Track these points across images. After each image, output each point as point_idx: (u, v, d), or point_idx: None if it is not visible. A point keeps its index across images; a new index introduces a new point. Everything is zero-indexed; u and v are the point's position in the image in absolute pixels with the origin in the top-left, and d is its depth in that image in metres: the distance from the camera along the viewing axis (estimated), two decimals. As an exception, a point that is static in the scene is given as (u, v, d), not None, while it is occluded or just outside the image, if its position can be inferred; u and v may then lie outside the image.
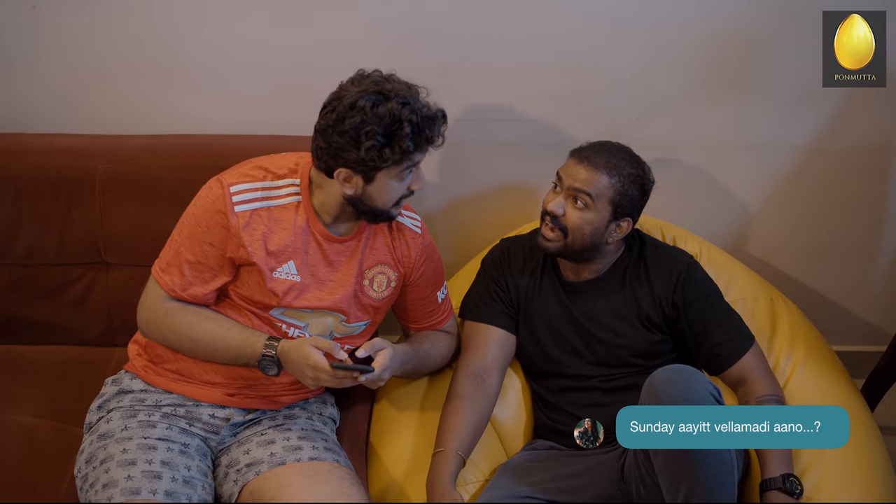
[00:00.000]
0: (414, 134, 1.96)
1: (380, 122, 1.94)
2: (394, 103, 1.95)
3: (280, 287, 2.09)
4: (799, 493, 2.06)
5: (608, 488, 2.14)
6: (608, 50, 2.53)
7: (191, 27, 2.51)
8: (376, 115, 1.94)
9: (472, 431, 2.20)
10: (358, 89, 1.97)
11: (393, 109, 1.95)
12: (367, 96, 1.95)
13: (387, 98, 1.95)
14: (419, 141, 1.98)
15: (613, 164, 2.20)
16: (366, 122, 1.94)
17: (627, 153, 2.26)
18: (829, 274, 2.92)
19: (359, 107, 1.95)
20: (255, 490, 2.05)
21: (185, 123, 2.59)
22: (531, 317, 2.34)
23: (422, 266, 2.23)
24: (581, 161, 2.22)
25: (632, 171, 2.22)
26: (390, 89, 1.96)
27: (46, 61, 2.55)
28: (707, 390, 1.93)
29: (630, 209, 2.23)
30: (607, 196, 2.20)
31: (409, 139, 1.96)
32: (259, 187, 2.08)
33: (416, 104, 1.97)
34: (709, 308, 2.26)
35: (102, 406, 2.16)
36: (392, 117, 1.95)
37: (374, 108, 1.94)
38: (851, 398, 2.34)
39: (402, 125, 1.95)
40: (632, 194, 2.22)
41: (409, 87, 2.00)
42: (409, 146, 1.96)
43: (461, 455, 2.15)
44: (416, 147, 1.99)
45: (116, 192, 2.47)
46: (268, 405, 2.19)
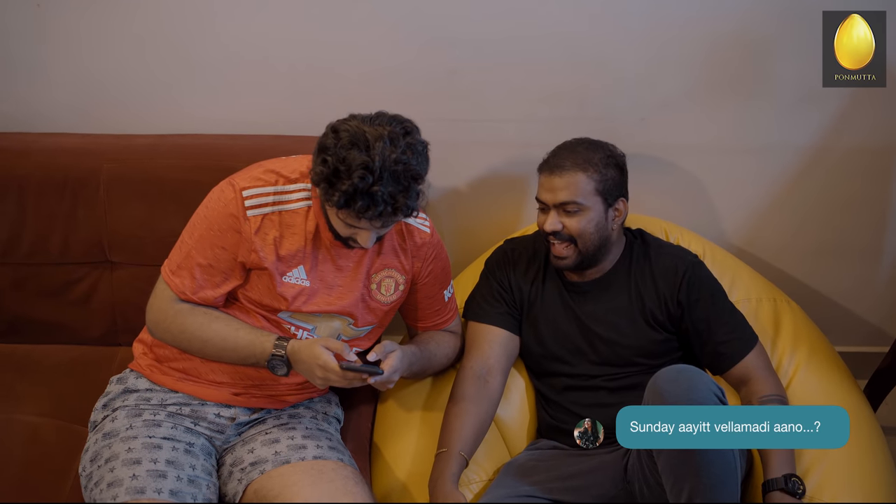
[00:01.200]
0: (349, 195, 1.87)
1: (336, 159, 1.88)
2: (359, 158, 1.86)
3: (289, 291, 2.09)
4: (801, 493, 2.06)
5: (611, 488, 2.14)
6: (613, 48, 2.53)
7: (196, 27, 2.51)
8: (339, 153, 1.88)
9: (474, 432, 2.20)
10: (359, 125, 1.90)
11: (352, 162, 1.86)
12: (353, 134, 1.89)
13: (362, 149, 1.87)
14: (351, 204, 1.88)
15: (581, 159, 2.22)
16: (329, 150, 1.90)
17: (587, 142, 2.28)
18: (832, 275, 2.92)
19: (339, 135, 1.90)
20: (259, 489, 2.05)
21: (189, 123, 2.59)
22: (535, 317, 2.34)
23: (430, 265, 2.23)
24: (552, 173, 2.23)
25: (600, 155, 2.24)
26: (375, 147, 1.87)
27: (51, 61, 2.55)
28: (710, 390, 1.93)
29: (618, 189, 2.26)
30: (592, 190, 2.22)
31: (342, 195, 1.87)
32: (271, 192, 2.07)
33: (378, 178, 1.86)
34: (713, 307, 2.27)
35: (107, 405, 2.16)
36: (346, 166, 1.86)
37: (343, 147, 1.88)
38: (854, 399, 2.34)
39: (347, 180, 1.86)
40: (612, 175, 2.24)
41: (397, 161, 1.87)
42: (339, 199, 1.88)
43: (464, 455, 2.16)
44: (342, 206, 1.89)
45: (121, 191, 2.47)
46: (273, 405, 2.19)
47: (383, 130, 1.89)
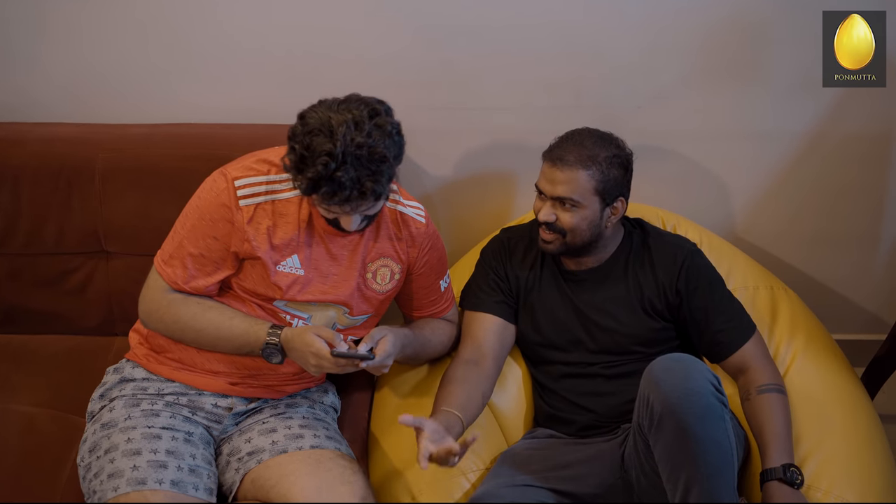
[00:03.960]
0: (314, 181, 1.87)
1: (301, 146, 1.88)
2: (323, 144, 1.86)
3: (284, 280, 2.09)
4: (799, 483, 2.06)
5: (609, 477, 2.14)
6: (608, 36, 2.53)
7: (191, 15, 2.50)
8: (303, 140, 1.88)
9: (466, 402, 2.14)
10: (325, 111, 1.90)
11: (316, 148, 1.86)
12: (319, 120, 1.88)
13: (326, 135, 1.86)
14: (316, 190, 1.89)
15: (586, 155, 2.18)
16: (295, 138, 1.90)
17: (597, 136, 2.23)
18: (829, 262, 2.93)
19: (305, 121, 1.90)
20: (256, 478, 2.05)
21: (184, 112, 2.59)
22: (532, 306, 2.34)
23: (426, 255, 2.22)
24: (555, 164, 2.20)
25: (607, 153, 2.20)
26: (338, 132, 1.86)
27: (47, 50, 2.54)
28: (707, 378, 1.92)
29: (618, 190, 2.22)
30: (591, 189, 2.19)
31: (307, 181, 1.88)
32: (264, 181, 2.07)
33: (341, 163, 1.85)
34: (711, 295, 2.26)
35: (104, 395, 2.15)
36: (310, 153, 1.87)
37: (307, 133, 1.88)
38: (851, 386, 2.34)
39: (311, 167, 1.86)
40: (614, 175, 2.21)
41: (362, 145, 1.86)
42: (305, 186, 1.89)
43: (456, 413, 2.10)
44: (309, 192, 1.90)
45: (116, 181, 2.47)
46: (270, 394, 2.19)
47: (348, 115, 1.88)
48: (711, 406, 1.89)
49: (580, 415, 2.27)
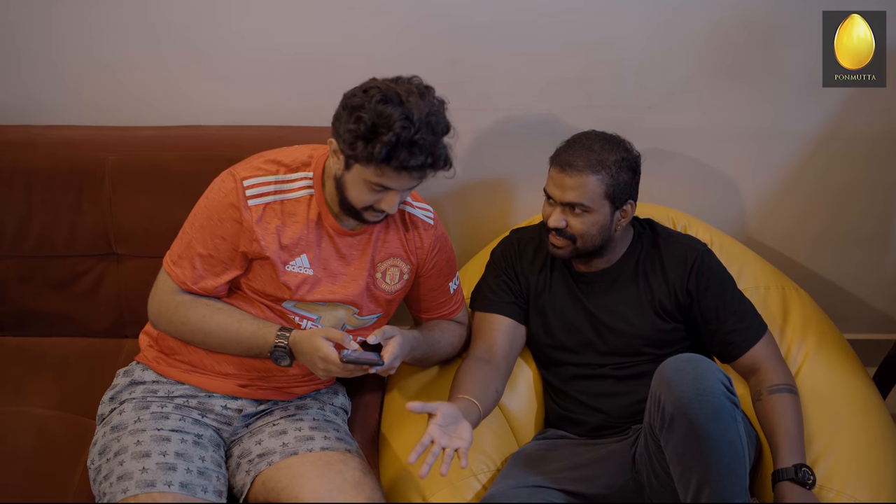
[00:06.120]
0: (392, 146, 1.89)
1: (373, 114, 1.90)
2: (396, 111, 1.89)
3: (293, 280, 2.09)
4: (811, 483, 2.05)
5: (620, 477, 2.13)
6: (619, 36, 2.52)
7: (200, 17, 2.50)
8: (375, 108, 1.90)
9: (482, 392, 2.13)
10: (387, 84, 1.94)
11: (391, 115, 1.89)
12: (385, 91, 1.91)
13: (397, 104, 1.90)
14: (393, 156, 1.90)
15: (595, 160, 2.17)
16: (363, 108, 1.91)
17: (605, 139, 2.21)
18: (840, 262, 2.92)
19: (370, 94, 1.92)
20: (267, 480, 2.05)
21: (194, 114, 2.59)
22: (543, 307, 2.33)
23: (434, 257, 2.22)
24: (563, 169, 2.18)
25: (615, 157, 2.18)
26: (409, 101, 1.90)
27: (56, 52, 2.55)
28: (718, 379, 1.92)
29: (627, 193, 2.21)
30: (601, 193, 2.17)
31: (384, 146, 1.89)
32: (272, 181, 2.07)
33: (419, 128, 1.90)
34: (722, 295, 2.26)
35: (115, 397, 2.16)
36: (385, 119, 1.89)
37: (379, 102, 1.90)
38: (863, 386, 2.33)
39: (387, 132, 1.88)
40: (624, 179, 2.19)
41: (430, 113, 1.92)
42: (380, 152, 1.89)
43: (472, 400, 2.09)
44: (387, 159, 1.90)
45: (126, 183, 2.47)
46: (280, 396, 2.19)
47: (411, 87, 1.94)
48: (723, 406, 1.88)
49: (591, 415, 2.27)
